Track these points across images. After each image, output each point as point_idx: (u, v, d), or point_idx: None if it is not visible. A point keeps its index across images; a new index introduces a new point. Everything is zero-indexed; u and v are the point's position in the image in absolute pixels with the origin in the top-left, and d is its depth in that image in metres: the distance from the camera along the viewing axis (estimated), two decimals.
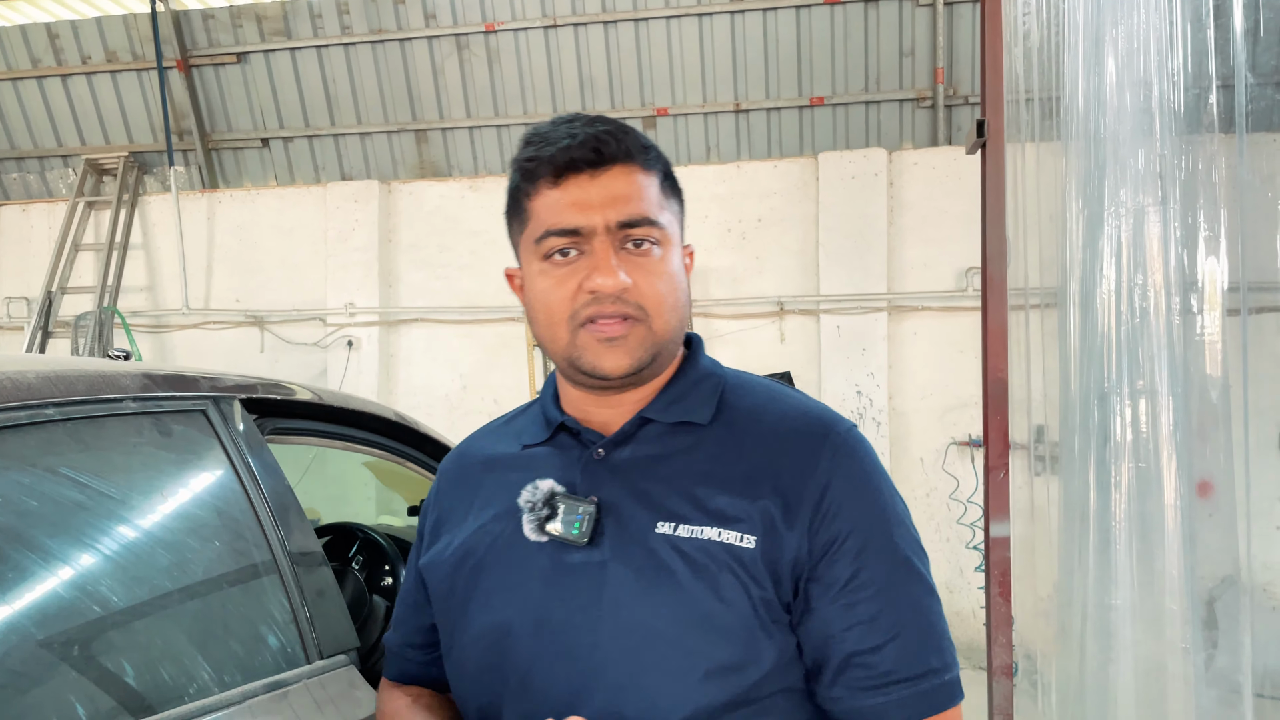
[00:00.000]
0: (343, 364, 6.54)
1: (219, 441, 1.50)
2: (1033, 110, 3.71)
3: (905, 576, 0.97)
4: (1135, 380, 2.44)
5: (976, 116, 4.52)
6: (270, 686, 1.38)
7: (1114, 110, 2.84)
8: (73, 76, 7.14)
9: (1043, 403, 3.22)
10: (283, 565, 1.50)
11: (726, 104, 6.50)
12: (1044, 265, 3.14)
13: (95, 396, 1.32)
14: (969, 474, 5.74)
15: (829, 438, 1.00)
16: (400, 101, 6.86)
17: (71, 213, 6.96)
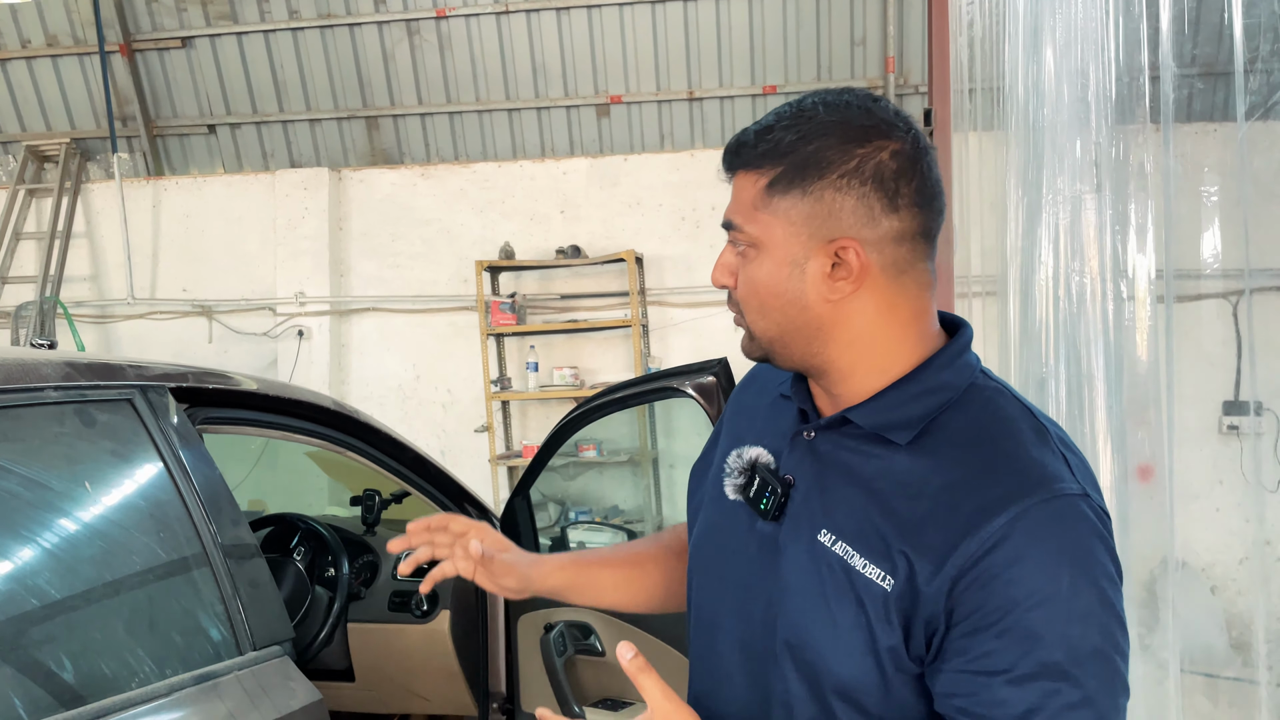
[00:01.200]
0: (293, 354, 6.46)
1: (146, 431, 1.48)
2: (976, 100, 3.76)
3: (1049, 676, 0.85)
4: (1072, 365, 2.48)
5: (925, 105, 4.57)
6: (200, 679, 1.37)
7: (1052, 100, 2.88)
8: (12, 61, 6.96)
9: None
10: (214, 556, 1.48)
11: (680, 92, 6.50)
12: (985, 253, 3.18)
13: (13, 385, 1.29)
14: None
15: (1021, 501, 0.88)
16: (350, 88, 6.77)
17: (12, 200, 6.78)
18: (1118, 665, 0.88)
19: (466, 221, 6.43)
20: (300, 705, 1.49)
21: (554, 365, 6.22)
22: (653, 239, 6.21)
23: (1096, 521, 0.89)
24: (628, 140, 6.73)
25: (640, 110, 6.65)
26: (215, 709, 1.35)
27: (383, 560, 2.53)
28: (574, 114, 6.72)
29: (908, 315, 0.98)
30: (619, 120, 6.69)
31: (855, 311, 0.97)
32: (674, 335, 6.22)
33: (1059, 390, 2.51)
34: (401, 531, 2.72)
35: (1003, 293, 2.88)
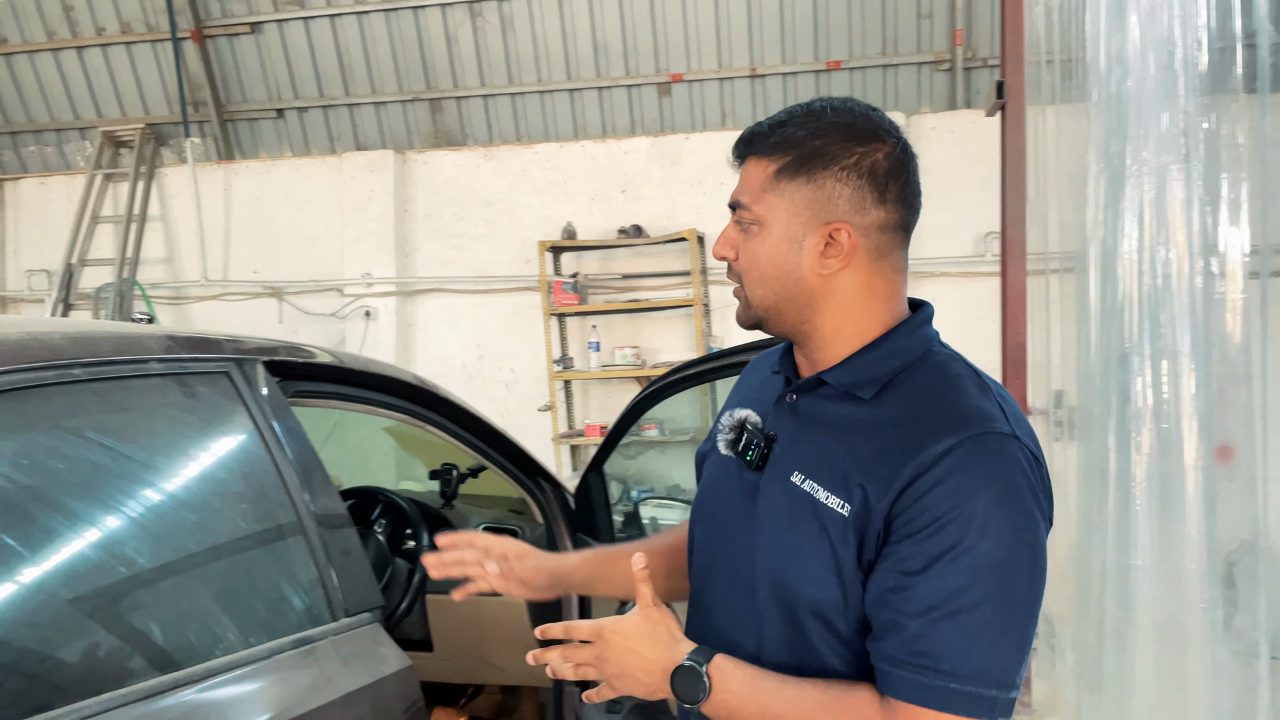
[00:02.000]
0: (360, 334, 6.57)
1: (243, 403, 1.52)
2: (1054, 71, 3.66)
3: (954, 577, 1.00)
4: (1156, 343, 2.42)
5: (996, 78, 4.47)
6: (297, 643, 1.41)
7: (1137, 70, 2.79)
8: (88, 48, 7.15)
9: (1061, 367, 3.20)
10: (308, 525, 1.52)
11: (742, 69, 6.44)
12: (1064, 228, 3.10)
13: (121, 358, 1.34)
14: None
15: (952, 435, 1.03)
16: (414, 70, 6.84)
17: (89, 185, 6.99)
18: (1020, 585, 1.02)
19: (529, 202, 6.47)
20: (391, 671, 1.53)
21: (616, 345, 6.25)
22: (714, 218, 6.18)
23: (1021, 459, 1.03)
24: (689, 119, 6.70)
25: (702, 88, 6.61)
26: (312, 672, 1.39)
27: None
28: (635, 93, 6.70)
29: (883, 293, 1.16)
30: (680, 99, 6.66)
31: (841, 286, 1.14)
32: (729, 314, 6.18)
33: (1143, 367, 2.45)
34: (477, 505, 2.76)
35: (1082, 269, 2.81)
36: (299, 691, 1.35)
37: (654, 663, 1.10)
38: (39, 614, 1.14)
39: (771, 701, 1.07)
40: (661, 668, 1.10)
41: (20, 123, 7.55)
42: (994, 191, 5.03)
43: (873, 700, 1.04)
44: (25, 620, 1.11)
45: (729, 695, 1.08)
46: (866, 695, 1.05)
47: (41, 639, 1.12)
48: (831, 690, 1.07)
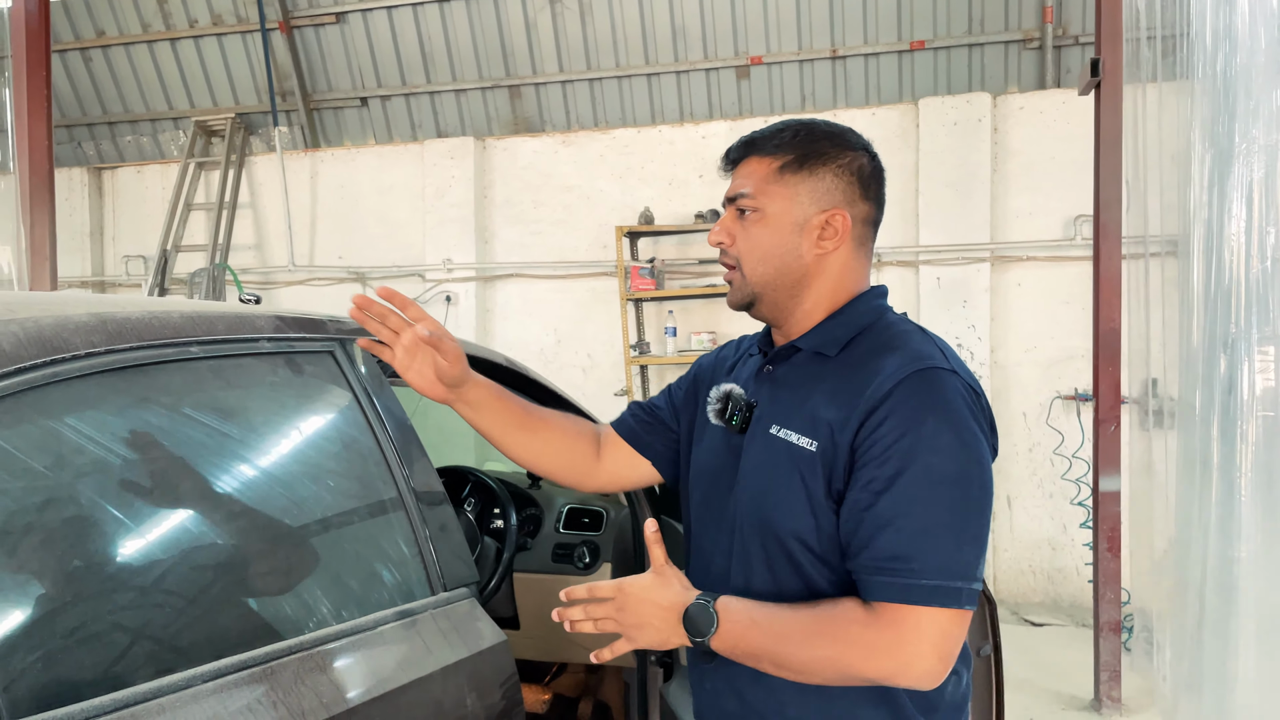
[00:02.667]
0: (441, 319, 6.65)
1: (346, 381, 1.56)
2: (1154, 48, 3.53)
3: (912, 489, 1.18)
4: (1264, 328, 2.32)
5: (1089, 56, 4.33)
6: (400, 614, 1.44)
7: (1246, 46, 2.68)
8: (181, 40, 7.38)
9: (1161, 354, 3.10)
10: (408, 501, 1.56)
11: (823, 50, 6.35)
12: (1165, 210, 2.99)
13: (234, 336, 1.38)
14: (1074, 428, 5.58)
15: (899, 372, 1.23)
16: (494, 57, 6.90)
17: (183, 174, 7.23)
18: (972, 491, 1.19)
19: (606, 187, 6.49)
20: (488, 645, 1.56)
21: (692, 330, 6.24)
22: None
23: (961, 388, 1.23)
24: (768, 102, 6.64)
25: (781, 71, 6.54)
26: (414, 643, 1.42)
27: (546, 513, 2.60)
28: (713, 76, 6.66)
29: (855, 275, 1.38)
30: (759, 82, 6.60)
31: (830, 265, 1.36)
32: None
33: (1249, 353, 2.35)
34: (564, 492, 2.79)
35: (1184, 252, 2.71)
36: (401, 662, 1.38)
37: (669, 609, 1.27)
38: (165, 581, 1.19)
39: (770, 623, 1.23)
40: (675, 612, 1.26)
41: (117, 114, 7.83)
42: (1084, 174, 4.87)
43: (857, 607, 1.21)
44: (154, 586, 1.16)
45: (733, 624, 1.24)
46: (851, 604, 1.22)
47: (165, 605, 1.17)
48: (820, 606, 1.23)
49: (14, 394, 1.07)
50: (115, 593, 1.12)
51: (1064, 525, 5.70)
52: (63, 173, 7.32)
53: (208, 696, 1.11)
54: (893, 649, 1.17)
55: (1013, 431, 5.75)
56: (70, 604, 1.07)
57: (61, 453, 1.13)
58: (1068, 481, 5.57)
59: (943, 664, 1.18)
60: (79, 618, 1.08)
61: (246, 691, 1.15)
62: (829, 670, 1.20)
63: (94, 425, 1.17)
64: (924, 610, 1.16)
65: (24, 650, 1.01)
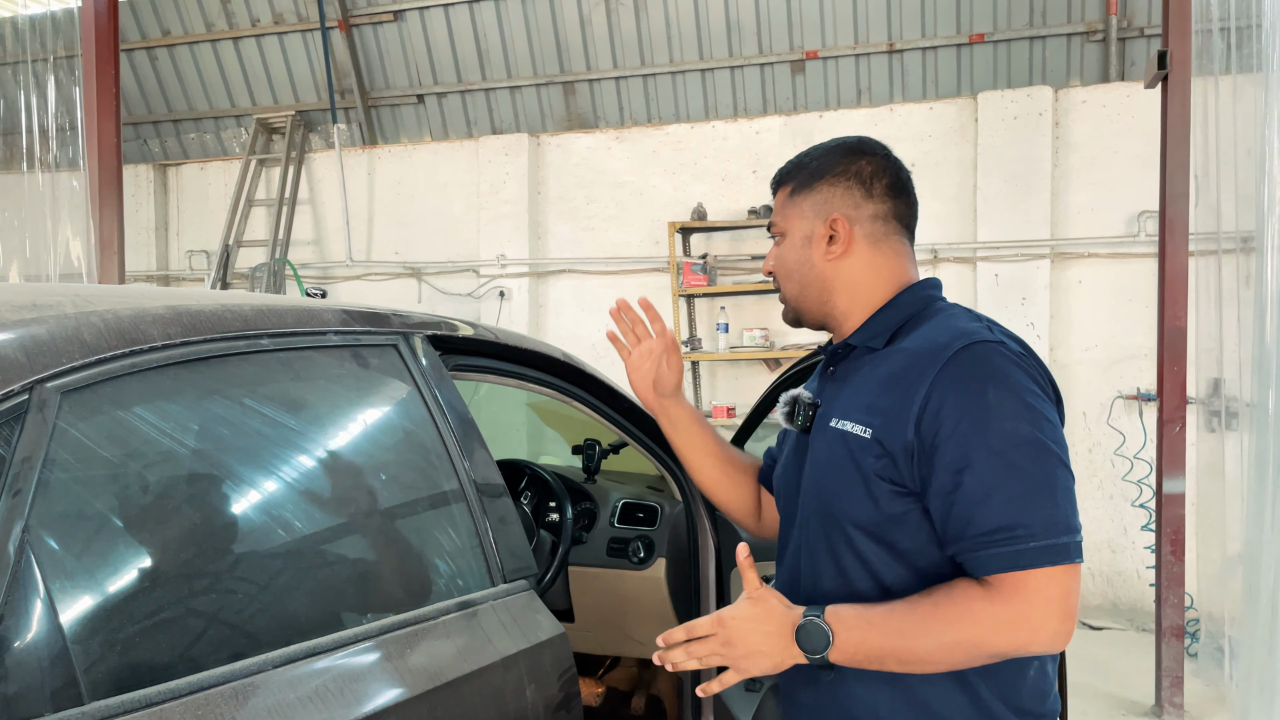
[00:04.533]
0: (495, 314, 6.74)
1: (410, 374, 1.58)
2: (1225, 39, 3.43)
3: (994, 459, 1.20)
4: None
5: (1156, 48, 4.22)
6: (461, 605, 1.46)
7: None
8: (243, 39, 7.53)
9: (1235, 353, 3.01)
10: (469, 493, 1.57)
11: (880, 44, 6.28)
12: (1239, 206, 2.91)
13: (303, 329, 1.41)
14: (1136, 429, 5.45)
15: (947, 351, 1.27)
16: (549, 54, 6.93)
17: (245, 170, 7.38)
18: (1049, 447, 1.21)
19: (658, 183, 6.49)
20: (546, 637, 1.57)
21: (744, 326, 6.21)
22: None
23: (1012, 355, 1.26)
24: (823, 97, 6.58)
25: (837, 65, 6.48)
26: (476, 634, 1.44)
27: (601, 507, 2.61)
28: (768, 71, 6.62)
29: (887, 272, 1.43)
30: (814, 76, 6.54)
31: (846, 268, 1.43)
32: None
33: None
34: (618, 480, 2.79)
35: (1258, 249, 2.63)
36: (462, 652, 1.40)
37: (776, 632, 1.27)
38: (236, 569, 1.21)
39: (887, 621, 1.23)
40: (785, 634, 1.26)
41: (181, 111, 8.02)
42: (1149, 168, 4.76)
43: (973, 585, 1.21)
44: (226, 574, 1.19)
45: (850, 631, 1.23)
46: (966, 584, 1.22)
47: (239, 591, 1.20)
48: (934, 593, 1.23)
49: (94, 384, 1.11)
50: (188, 580, 1.15)
51: (1124, 528, 5.57)
52: (129, 169, 7.51)
53: (277, 682, 1.13)
54: (1020, 618, 1.18)
55: (1073, 432, 5.64)
56: (145, 590, 1.10)
57: (138, 443, 1.15)
58: (1129, 483, 5.45)
59: (1069, 622, 1.19)
60: (154, 604, 1.10)
61: (314, 678, 1.17)
62: (959, 654, 1.21)
63: (170, 416, 1.20)
64: (1040, 572, 1.17)
65: (103, 635, 1.04)
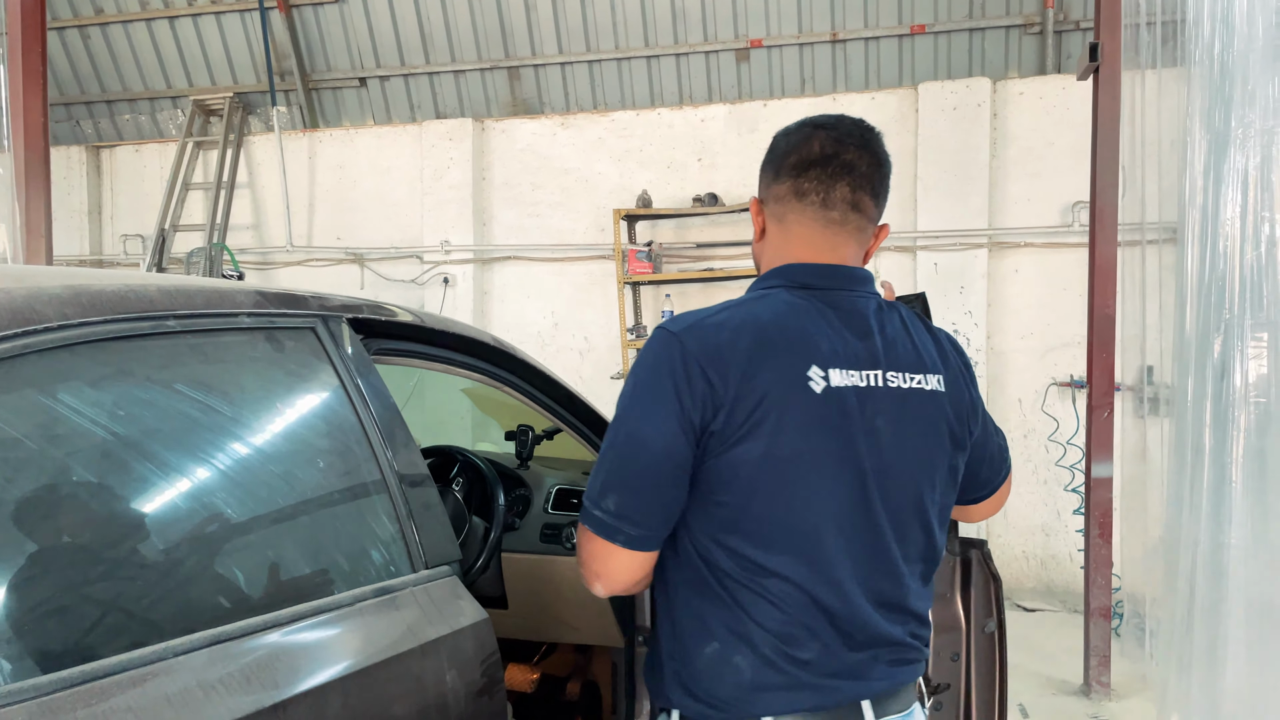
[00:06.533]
0: (439, 300, 6.67)
1: (328, 358, 1.55)
2: (1153, 34, 3.50)
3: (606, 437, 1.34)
4: (1258, 315, 2.31)
5: (1089, 40, 4.29)
6: (380, 591, 1.44)
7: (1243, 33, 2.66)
8: (179, 18, 7.34)
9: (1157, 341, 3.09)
10: (390, 479, 1.55)
11: (823, 34, 6.31)
12: (1162, 197, 2.98)
13: (213, 311, 1.37)
14: (1069, 415, 5.58)
15: None
16: (493, 38, 6.86)
17: (181, 152, 7.20)
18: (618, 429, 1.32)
19: (604, 170, 6.47)
20: (469, 623, 1.56)
21: None
22: None
23: (659, 339, 1.31)
24: (767, 85, 6.61)
25: (781, 54, 6.50)
26: (395, 620, 1.42)
27: (535, 493, 2.60)
28: (713, 59, 6.63)
29: (782, 255, 1.42)
30: (759, 65, 6.56)
31: (763, 252, 1.47)
32: None
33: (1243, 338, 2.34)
34: (552, 466, 2.78)
35: (1180, 239, 2.70)
36: (381, 638, 1.38)
37: None
38: (137, 555, 1.18)
39: None
40: None
41: (116, 91, 7.80)
42: (1083, 160, 4.85)
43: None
44: (124, 559, 1.16)
45: None
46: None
47: (139, 578, 1.17)
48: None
49: None
50: (86, 566, 1.12)
51: (1058, 511, 5.70)
52: (60, 151, 7.30)
53: (179, 670, 1.11)
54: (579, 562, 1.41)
55: (1009, 418, 5.75)
56: (40, 576, 1.07)
57: (32, 425, 1.12)
58: (1062, 468, 5.57)
59: (586, 574, 1.38)
60: (49, 590, 1.07)
61: (218, 666, 1.15)
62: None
63: (67, 398, 1.16)
64: (581, 528, 1.37)
65: None
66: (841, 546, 1.29)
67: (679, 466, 1.27)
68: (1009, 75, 6.12)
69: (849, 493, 1.29)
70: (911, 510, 1.35)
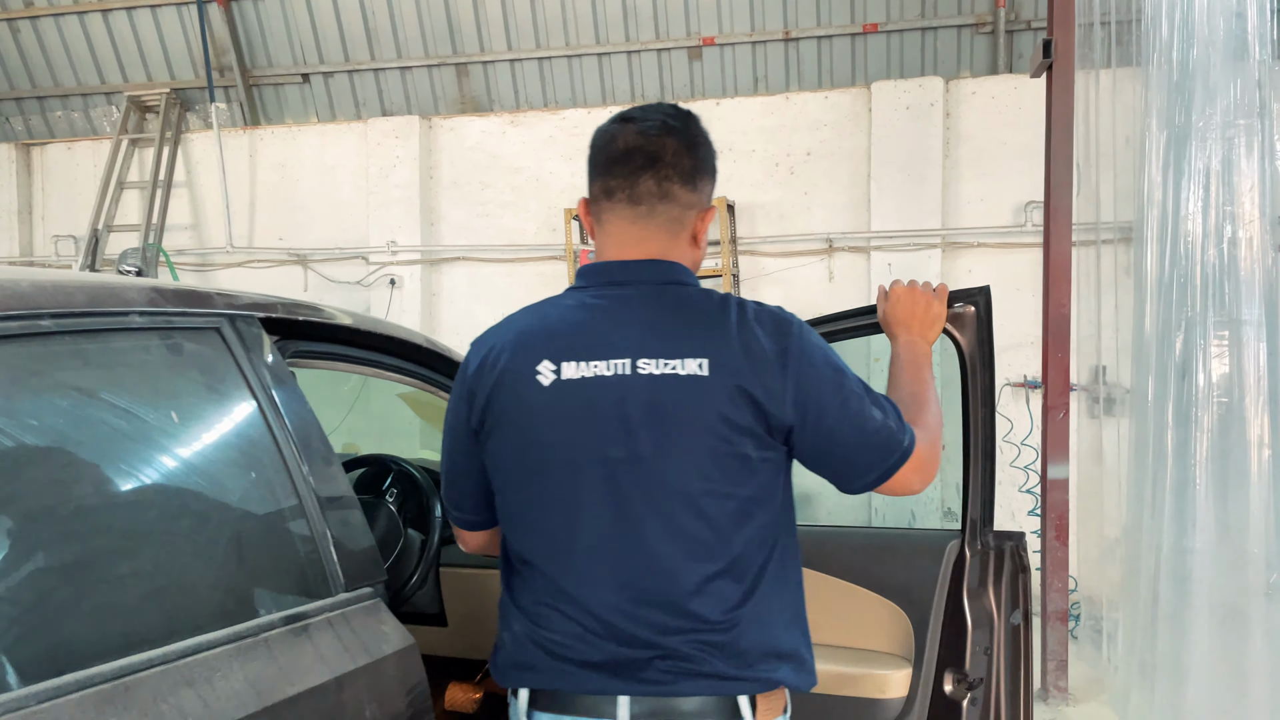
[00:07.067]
0: (386, 303, 6.49)
1: (235, 362, 1.41)
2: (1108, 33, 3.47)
3: None
4: (1220, 312, 2.26)
5: (1042, 37, 4.26)
6: (288, 619, 1.30)
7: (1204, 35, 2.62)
8: (113, 12, 7.08)
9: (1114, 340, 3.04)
10: (304, 493, 1.41)
11: (776, 32, 6.25)
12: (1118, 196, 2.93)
13: (97, 309, 1.23)
14: (1023, 415, 5.55)
15: None
16: (440, 34, 6.70)
17: (116, 150, 6.94)
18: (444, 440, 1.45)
19: (555, 169, 6.33)
20: (393, 650, 1.43)
21: None
22: (744, 186, 6.02)
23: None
24: (720, 83, 6.53)
25: (733, 52, 6.42)
26: (303, 650, 1.29)
27: None
28: (665, 57, 6.53)
29: (602, 252, 1.40)
30: (711, 63, 6.48)
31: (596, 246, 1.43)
32: (766, 285, 6.04)
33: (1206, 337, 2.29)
34: None
35: (1138, 238, 2.64)
36: (288, 672, 1.24)
37: None
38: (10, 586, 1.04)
39: None
40: None
41: (47, 87, 7.51)
42: (1035, 160, 4.82)
43: None
44: None
45: None
46: None
47: (3, 614, 1.02)
48: None
49: None
50: None
51: (1012, 513, 5.67)
52: None
53: (41, 717, 0.97)
54: None
55: (948, 411, 5.71)
56: None
57: None
58: (1016, 469, 5.55)
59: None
60: None
61: (91, 713, 1.01)
62: None
63: None
64: None
65: None
66: (594, 538, 1.29)
67: (467, 461, 1.40)
68: (961, 75, 6.09)
69: (596, 484, 1.28)
70: (680, 502, 1.26)
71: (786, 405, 1.26)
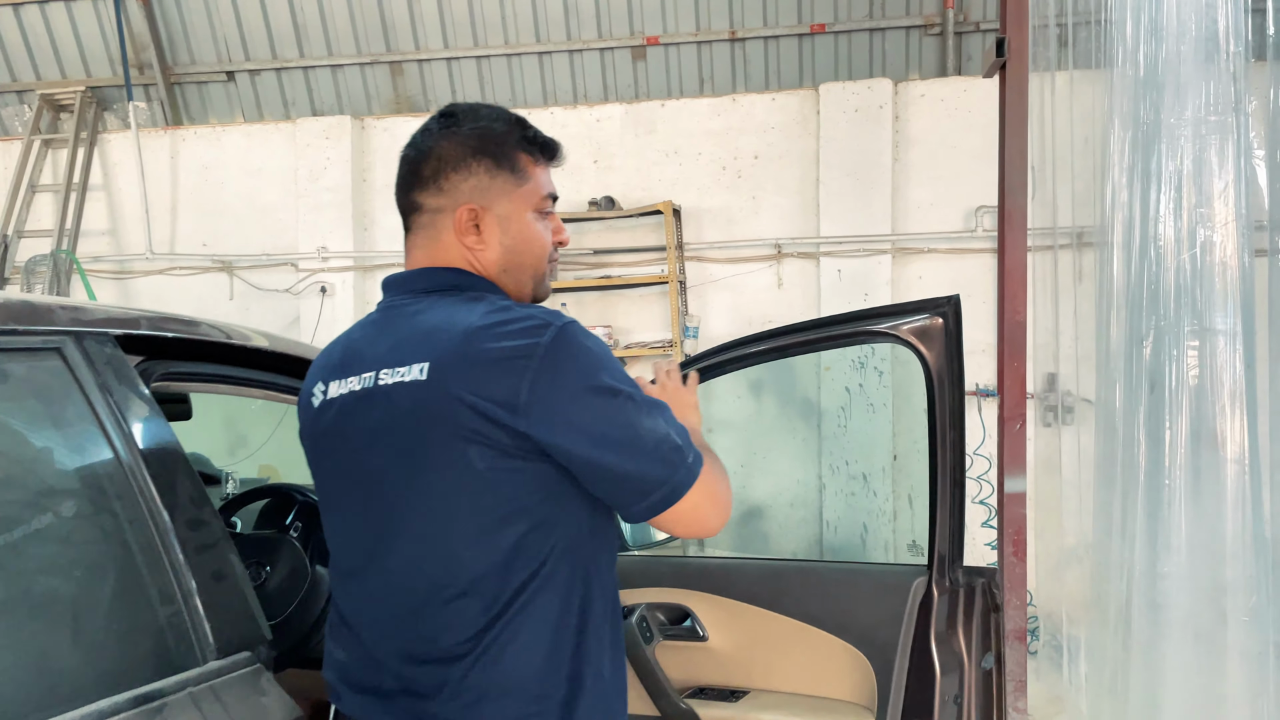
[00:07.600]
0: (316, 311, 6.20)
1: (79, 388, 1.18)
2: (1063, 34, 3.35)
3: None
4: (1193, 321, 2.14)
5: (994, 38, 4.15)
6: (139, 699, 1.08)
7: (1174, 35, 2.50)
8: (24, 5, 6.68)
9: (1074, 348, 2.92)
10: (166, 543, 1.19)
11: (721, 32, 6.09)
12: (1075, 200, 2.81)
13: None
14: (975, 425, 5.45)
15: None
16: (373, 31, 6.44)
17: (27, 151, 6.55)
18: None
19: None
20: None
21: (587, 324, 5.88)
22: (691, 190, 5.85)
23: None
24: (665, 84, 6.35)
25: (679, 52, 6.26)
26: None
27: None
28: (608, 56, 6.34)
29: None
30: (656, 63, 6.30)
31: None
32: (713, 292, 5.88)
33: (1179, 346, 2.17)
34: None
35: (1102, 243, 2.52)
36: None
37: None
38: None
39: None
40: None
41: None
42: (985, 164, 4.72)
43: None
44: None
45: None
46: None
47: None
48: None
49: None
50: None
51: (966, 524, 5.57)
52: None
53: None
54: None
55: (914, 428, 5.59)
56: None
57: None
58: (969, 479, 5.44)
59: None
60: None
61: None
62: None
63: None
64: None
65: None
66: (355, 560, 1.24)
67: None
68: (910, 77, 5.99)
69: (356, 505, 1.23)
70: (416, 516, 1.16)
71: (519, 412, 1.10)
